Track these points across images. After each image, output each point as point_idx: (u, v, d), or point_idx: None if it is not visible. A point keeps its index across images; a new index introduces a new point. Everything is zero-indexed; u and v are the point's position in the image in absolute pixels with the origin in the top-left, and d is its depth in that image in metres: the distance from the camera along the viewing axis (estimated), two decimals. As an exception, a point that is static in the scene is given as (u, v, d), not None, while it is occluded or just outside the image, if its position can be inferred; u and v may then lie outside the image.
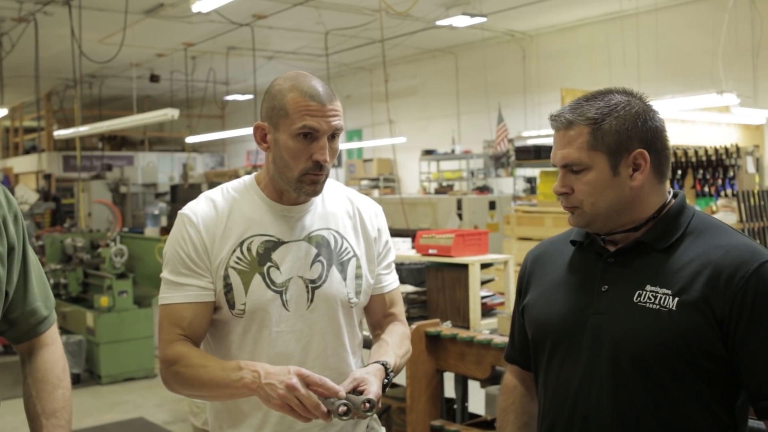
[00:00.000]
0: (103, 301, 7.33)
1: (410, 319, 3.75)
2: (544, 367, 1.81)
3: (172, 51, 13.91)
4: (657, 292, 1.63)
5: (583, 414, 1.68)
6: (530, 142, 11.03)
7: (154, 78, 15.16)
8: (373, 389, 1.74)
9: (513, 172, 12.65)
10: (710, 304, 1.58)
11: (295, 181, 1.92)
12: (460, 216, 10.77)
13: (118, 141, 21.39)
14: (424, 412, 3.57)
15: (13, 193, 9.57)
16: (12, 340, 1.84)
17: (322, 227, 2.01)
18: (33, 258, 1.84)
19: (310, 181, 1.92)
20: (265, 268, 1.94)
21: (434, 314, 4.11)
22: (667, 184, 1.79)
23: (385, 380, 1.84)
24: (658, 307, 1.62)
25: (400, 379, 3.61)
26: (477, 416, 3.84)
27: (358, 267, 2.03)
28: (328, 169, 1.94)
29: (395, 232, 6.35)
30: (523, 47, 13.37)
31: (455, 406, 3.84)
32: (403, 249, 4.95)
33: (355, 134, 17.32)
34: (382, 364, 1.86)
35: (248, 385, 1.76)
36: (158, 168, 18.80)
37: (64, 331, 7.97)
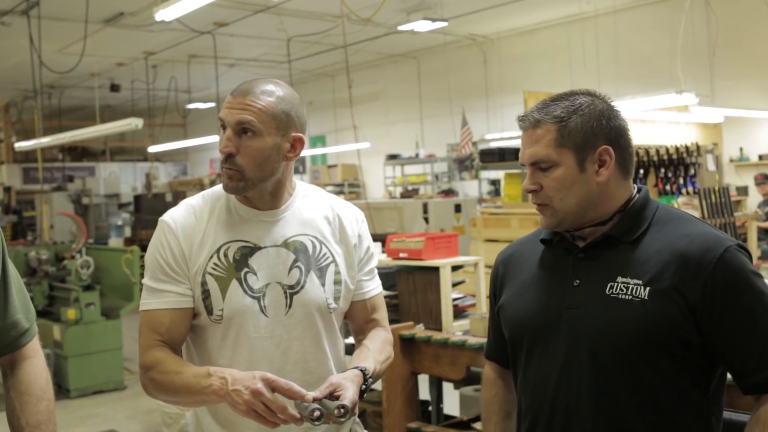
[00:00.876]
0: (70, 313, 7.25)
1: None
2: (522, 365, 1.85)
3: (133, 60, 13.81)
4: (628, 283, 1.69)
5: (564, 407, 1.72)
6: (493, 145, 11.11)
7: (114, 87, 15.02)
8: (349, 395, 1.75)
9: (477, 174, 12.73)
10: (681, 292, 1.64)
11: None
12: (426, 220, 10.82)
13: (78, 152, 21.17)
14: (400, 415, 3.59)
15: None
16: None
17: (299, 233, 2.02)
18: (12, 271, 1.83)
19: (225, 175, 1.94)
20: (242, 273, 1.95)
21: (406, 317, 4.13)
22: (631, 180, 1.84)
23: (363, 386, 1.84)
24: (630, 297, 1.67)
25: (376, 383, 3.63)
26: (452, 417, 3.86)
27: (337, 273, 2.04)
28: (241, 166, 1.91)
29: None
30: (484, 51, 13.48)
31: (430, 408, 3.87)
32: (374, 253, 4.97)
33: (319, 140, 17.32)
34: (361, 370, 1.87)
35: (217, 391, 1.77)
36: (121, 178, 18.65)
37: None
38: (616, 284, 1.70)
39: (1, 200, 16.18)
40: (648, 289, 1.66)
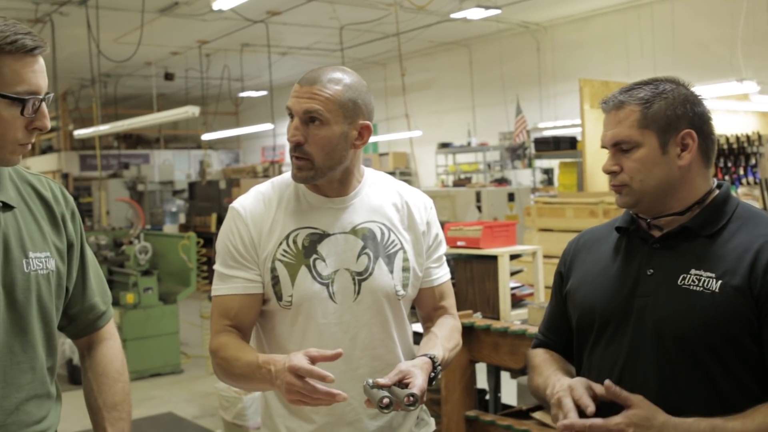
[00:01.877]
0: (129, 298, 7.38)
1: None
2: (588, 349, 1.85)
3: (187, 49, 13.97)
4: (701, 276, 1.69)
5: (628, 388, 1.70)
6: (546, 133, 11.02)
7: (168, 76, 15.24)
8: (418, 382, 1.75)
9: (531, 163, 12.65)
10: (750, 287, 1.64)
11: None
12: (479, 208, 10.77)
13: (133, 139, 21.49)
14: (458, 403, 3.59)
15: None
16: (71, 336, 1.89)
17: (368, 220, 2.03)
18: (90, 256, 1.88)
19: (294, 165, 1.95)
20: (311, 260, 1.96)
21: (464, 306, 4.11)
22: (711, 172, 1.82)
23: (432, 373, 1.85)
24: (701, 289, 1.67)
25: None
26: (510, 407, 3.85)
27: (405, 260, 2.04)
28: (310, 153, 1.91)
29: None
30: (537, 39, 13.35)
31: (487, 397, 3.86)
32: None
33: (370, 128, 17.34)
34: (430, 358, 1.88)
35: (268, 381, 1.80)
36: (174, 165, 18.90)
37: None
38: (689, 276, 1.70)
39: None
40: (720, 282, 1.66)
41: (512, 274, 4.26)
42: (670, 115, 1.73)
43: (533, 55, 13.38)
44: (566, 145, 8.16)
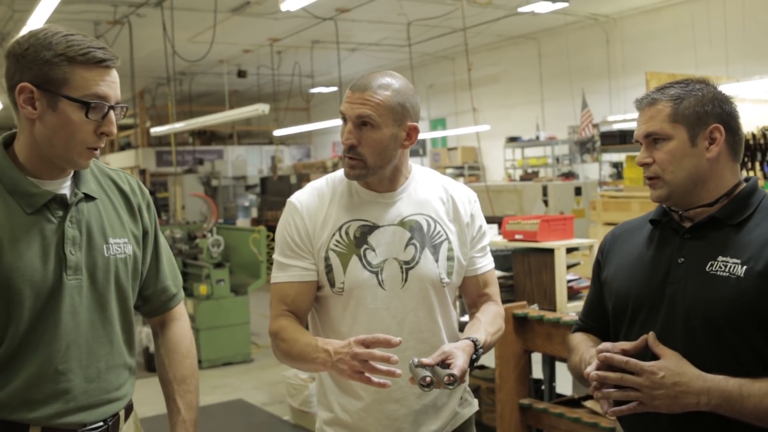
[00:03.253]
0: (202, 289, 7.67)
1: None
2: (623, 333, 1.96)
3: (259, 47, 14.29)
4: (727, 262, 1.80)
5: None
6: (615, 127, 10.93)
7: (241, 74, 15.59)
8: (459, 363, 1.88)
9: (599, 157, 12.56)
10: None
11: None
12: (545, 202, 10.79)
13: (207, 136, 22.01)
14: (512, 391, 3.70)
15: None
16: (146, 314, 2.10)
17: (415, 212, 2.17)
18: (163, 242, 2.09)
19: (347, 165, 2.11)
20: (362, 250, 2.12)
21: (521, 298, 4.22)
22: (739, 166, 1.92)
23: (474, 356, 1.97)
24: (727, 275, 1.78)
25: (489, 360, 3.75)
26: (563, 396, 3.94)
27: (450, 249, 2.17)
28: (363, 154, 2.07)
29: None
30: (606, 31, 13.25)
31: (542, 387, 3.96)
32: (490, 235, 5.08)
33: (439, 123, 17.44)
34: (472, 341, 2.00)
35: (323, 363, 1.95)
36: (247, 161, 19.31)
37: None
38: (716, 262, 1.81)
39: (137, 182, 17.06)
40: (745, 268, 1.76)
41: (569, 267, 4.35)
42: (699, 111, 1.85)
43: (602, 48, 13.27)
44: (632, 138, 8.12)
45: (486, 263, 2.28)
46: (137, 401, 2.04)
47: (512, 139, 14.67)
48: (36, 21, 7.93)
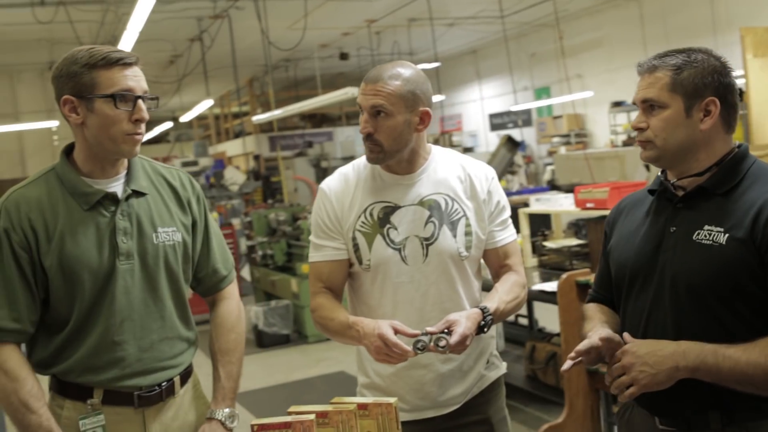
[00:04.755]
0: (305, 268, 7.99)
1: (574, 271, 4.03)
2: (623, 302, 2.07)
3: (357, 29, 14.55)
4: (712, 230, 1.87)
5: (652, 337, 1.93)
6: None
7: (343, 56, 15.91)
8: (459, 330, 2.06)
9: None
10: (753, 238, 1.80)
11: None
12: (647, 167, 10.60)
13: (318, 118, 22.50)
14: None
15: (222, 175, 10.52)
16: (201, 294, 2.38)
17: (433, 192, 2.34)
18: (214, 229, 2.36)
19: (367, 149, 2.30)
20: (385, 229, 2.31)
21: (597, 266, 4.30)
22: (733, 137, 1.98)
23: (482, 322, 2.15)
24: (710, 242, 1.85)
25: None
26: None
27: (468, 225, 2.34)
28: (380, 140, 2.25)
29: (569, 189, 6.46)
30: (709, -14, 12.82)
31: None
32: (566, 204, 5.16)
33: (543, 92, 17.26)
34: (481, 309, 2.18)
35: (356, 339, 2.19)
36: (356, 141, 19.65)
37: (273, 296, 8.80)
38: (702, 231, 1.88)
39: (252, 168, 17.68)
40: (727, 236, 1.83)
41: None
42: (697, 82, 1.90)
43: (706, 6, 12.84)
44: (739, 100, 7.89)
45: (506, 236, 2.41)
46: (246, 376, 2.33)
47: (617, 104, 14.41)
48: (136, 22, 8.38)
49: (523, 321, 6.21)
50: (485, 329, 2.16)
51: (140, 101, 2.03)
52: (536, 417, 5.19)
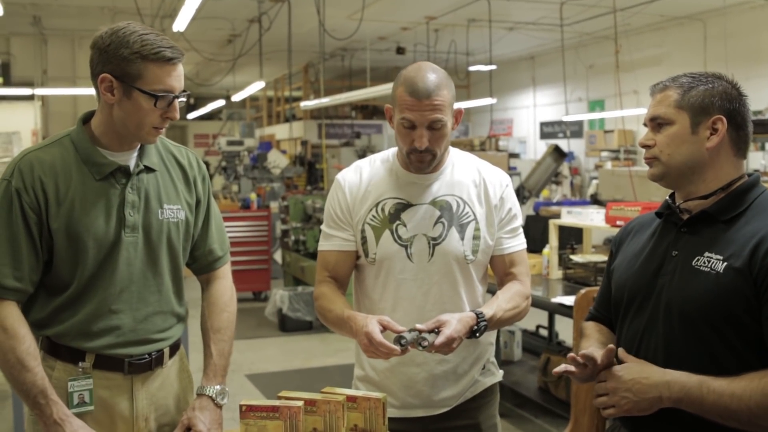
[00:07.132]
0: (334, 257, 8.04)
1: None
2: (620, 323, 2.06)
3: (416, 24, 14.52)
4: (711, 258, 1.85)
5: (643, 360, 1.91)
6: (775, 115, 10.41)
7: (400, 50, 15.93)
8: (447, 331, 2.06)
9: (764, 146, 11.99)
10: (751, 269, 1.77)
11: (406, 157, 2.30)
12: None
13: (369, 110, 22.54)
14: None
15: (266, 157, 10.59)
16: (195, 272, 2.41)
17: (447, 193, 2.35)
18: (215, 210, 2.39)
19: (417, 160, 2.28)
20: (394, 225, 2.33)
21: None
22: (744, 164, 1.95)
23: (475, 327, 2.14)
24: (708, 270, 1.83)
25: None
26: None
27: (477, 229, 2.34)
28: (434, 150, 2.25)
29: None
30: (776, 13, 12.56)
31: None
32: (596, 220, 5.13)
33: (598, 104, 17.06)
34: (476, 313, 2.17)
35: (351, 335, 2.22)
36: (403, 136, 19.62)
37: (301, 282, 8.85)
38: (702, 258, 1.86)
39: (299, 153, 17.79)
40: (725, 264, 1.81)
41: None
42: (705, 101, 1.89)
43: (771, 31, 12.59)
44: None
45: (514, 244, 2.41)
46: (265, 358, 2.38)
47: (669, 124, 14.18)
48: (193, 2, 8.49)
49: (544, 332, 6.17)
50: (477, 334, 2.16)
51: (176, 101, 2.07)
52: (545, 430, 5.17)
